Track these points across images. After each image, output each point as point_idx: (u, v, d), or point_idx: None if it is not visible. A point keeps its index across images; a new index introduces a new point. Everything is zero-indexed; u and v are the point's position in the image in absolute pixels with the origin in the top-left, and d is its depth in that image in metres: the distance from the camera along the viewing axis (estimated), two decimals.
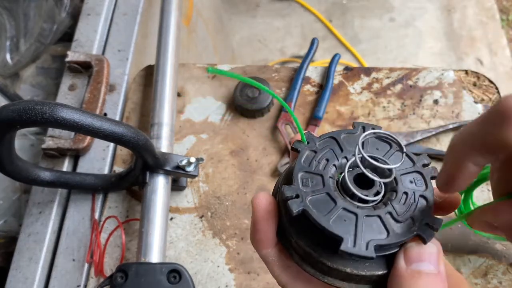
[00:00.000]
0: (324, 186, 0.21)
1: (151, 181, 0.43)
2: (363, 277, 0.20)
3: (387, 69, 0.53)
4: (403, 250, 0.20)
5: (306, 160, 0.22)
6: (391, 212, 0.20)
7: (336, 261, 0.20)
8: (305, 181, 0.21)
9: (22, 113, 0.31)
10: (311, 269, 0.21)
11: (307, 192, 0.20)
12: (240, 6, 1.69)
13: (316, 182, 0.21)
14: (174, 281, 0.38)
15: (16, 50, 0.58)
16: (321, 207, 0.20)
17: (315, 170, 0.21)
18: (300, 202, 0.20)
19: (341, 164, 0.22)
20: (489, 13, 1.58)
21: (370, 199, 0.20)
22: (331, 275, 0.20)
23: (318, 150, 0.22)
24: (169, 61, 0.50)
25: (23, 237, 0.45)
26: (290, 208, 0.19)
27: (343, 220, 0.19)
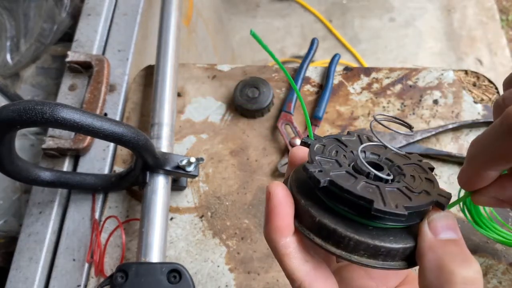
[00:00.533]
0: (341, 166, 0.22)
1: (151, 181, 0.43)
2: (390, 250, 0.20)
3: (387, 69, 0.53)
4: (428, 221, 0.20)
5: (318, 150, 0.23)
6: (406, 186, 0.21)
7: (363, 233, 0.20)
8: (324, 162, 0.22)
9: (22, 113, 0.31)
10: (336, 249, 0.20)
11: (328, 168, 0.21)
12: (240, 6, 1.69)
13: (333, 164, 0.22)
14: (174, 281, 0.38)
15: (16, 50, 0.58)
16: (344, 180, 0.20)
17: (328, 156, 0.23)
18: (325, 175, 0.20)
19: (350, 155, 0.23)
20: (489, 13, 1.58)
21: (384, 177, 0.21)
22: (358, 252, 0.20)
23: (326, 144, 0.24)
24: (169, 61, 0.50)
25: (23, 237, 0.45)
26: (317, 179, 0.20)
27: (367, 189, 0.20)
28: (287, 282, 0.43)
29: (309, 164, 0.21)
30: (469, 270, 0.18)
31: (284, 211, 0.21)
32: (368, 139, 0.25)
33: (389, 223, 0.20)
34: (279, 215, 0.21)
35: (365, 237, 0.20)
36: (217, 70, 0.55)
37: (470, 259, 0.19)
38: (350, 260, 0.20)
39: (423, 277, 0.19)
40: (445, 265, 0.19)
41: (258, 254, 0.44)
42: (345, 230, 0.20)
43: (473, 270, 0.18)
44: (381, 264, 0.20)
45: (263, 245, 0.45)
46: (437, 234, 0.20)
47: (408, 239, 0.20)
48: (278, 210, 0.21)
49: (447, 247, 0.19)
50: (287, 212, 0.21)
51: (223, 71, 0.54)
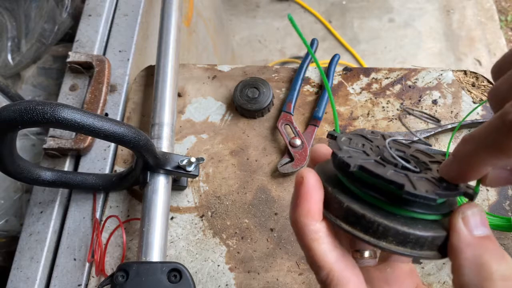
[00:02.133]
0: (369, 156, 0.22)
1: (152, 181, 0.43)
2: (419, 238, 0.20)
3: (386, 70, 0.53)
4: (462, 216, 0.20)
5: (345, 142, 0.23)
6: (434, 177, 0.21)
7: (392, 220, 0.20)
8: (351, 151, 0.22)
9: (23, 113, 0.31)
10: (364, 234, 0.20)
11: (357, 156, 0.21)
12: (240, 6, 1.69)
13: (360, 154, 0.22)
14: (175, 280, 0.38)
15: (17, 51, 0.58)
16: (373, 167, 0.20)
17: (355, 147, 0.23)
18: (355, 161, 0.20)
19: (375, 149, 0.23)
20: (488, 13, 1.59)
21: (411, 168, 0.21)
22: (387, 238, 0.20)
23: (352, 138, 0.24)
24: (170, 61, 0.50)
25: (24, 236, 0.46)
26: (347, 163, 0.20)
27: (397, 176, 0.20)
28: (287, 281, 0.43)
29: (338, 151, 0.21)
30: (506, 266, 0.19)
31: (316, 196, 0.21)
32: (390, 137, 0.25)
33: (418, 211, 0.20)
34: (312, 199, 0.21)
35: (394, 223, 0.19)
36: (217, 71, 0.55)
37: (505, 255, 0.19)
38: (378, 246, 0.20)
39: (460, 274, 0.19)
40: (484, 263, 0.19)
41: (258, 254, 0.44)
42: (374, 215, 0.20)
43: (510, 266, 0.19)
44: (409, 252, 0.20)
45: (263, 244, 0.45)
46: (472, 231, 0.20)
47: (437, 229, 0.20)
48: (310, 195, 0.21)
49: (484, 244, 0.19)
50: (319, 197, 0.21)
51: (223, 72, 0.55)
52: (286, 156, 0.48)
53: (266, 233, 0.45)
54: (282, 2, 1.68)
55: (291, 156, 0.48)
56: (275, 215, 0.46)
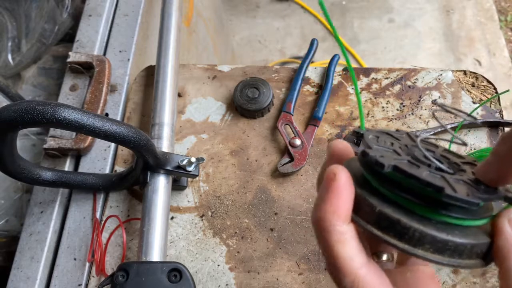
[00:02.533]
0: (401, 156, 0.20)
1: (152, 180, 0.43)
2: (458, 246, 0.18)
3: (386, 70, 0.53)
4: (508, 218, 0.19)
5: (372, 140, 0.21)
6: (470, 179, 0.20)
7: (429, 226, 0.18)
8: (382, 150, 0.20)
9: (24, 113, 0.31)
10: (399, 241, 0.18)
11: (389, 156, 0.19)
12: (240, 6, 1.69)
13: (391, 153, 0.20)
14: (175, 280, 0.38)
15: (18, 51, 0.58)
16: (407, 167, 0.19)
17: (384, 146, 0.21)
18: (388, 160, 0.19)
19: (404, 148, 0.22)
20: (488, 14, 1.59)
21: (446, 169, 0.20)
22: (423, 245, 0.18)
23: (379, 136, 0.22)
24: (170, 61, 0.50)
25: (24, 236, 0.46)
26: (381, 163, 0.18)
27: (433, 177, 0.18)
28: (287, 281, 0.43)
29: (370, 150, 0.19)
30: None
31: (348, 195, 0.19)
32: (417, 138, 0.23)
33: (456, 216, 0.19)
34: (342, 198, 0.19)
35: (431, 229, 0.18)
36: (217, 71, 0.55)
37: None
38: (415, 254, 0.18)
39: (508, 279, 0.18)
40: None
41: (258, 253, 0.44)
42: (410, 220, 0.18)
43: None
44: (447, 260, 0.18)
45: (263, 244, 0.45)
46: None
47: (477, 235, 0.19)
48: (341, 193, 0.19)
49: None
50: (350, 197, 0.20)
51: (223, 72, 0.55)
52: (286, 156, 0.48)
53: (266, 233, 0.45)
54: (282, 2, 1.68)
55: (291, 156, 0.48)
56: (275, 215, 0.46)
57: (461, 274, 0.43)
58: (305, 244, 0.45)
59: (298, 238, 0.45)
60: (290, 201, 0.47)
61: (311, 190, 0.47)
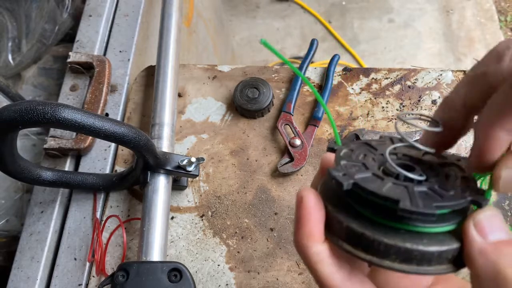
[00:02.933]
0: (368, 169, 0.21)
1: (152, 180, 0.43)
2: (425, 254, 0.18)
3: (386, 70, 0.53)
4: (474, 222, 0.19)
5: (345, 155, 0.22)
6: (439, 185, 0.20)
7: (393, 237, 0.19)
8: (349, 166, 0.21)
9: (24, 114, 0.32)
10: (366, 255, 0.19)
11: (353, 172, 0.20)
12: (240, 7, 1.69)
13: (359, 168, 0.21)
14: (175, 280, 0.38)
15: (18, 51, 0.59)
16: (370, 183, 0.19)
17: (355, 160, 0.22)
18: (349, 178, 0.19)
19: (379, 158, 0.22)
20: (488, 14, 1.59)
21: (414, 178, 0.20)
22: (389, 256, 0.19)
23: (354, 149, 0.23)
24: (170, 61, 0.50)
25: (25, 236, 0.46)
26: (340, 183, 0.19)
27: (394, 190, 0.19)
28: (287, 281, 0.43)
29: (333, 169, 0.20)
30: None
31: (316, 217, 0.21)
32: (401, 141, 0.23)
33: (421, 225, 0.19)
34: (311, 221, 0.21)
35: (395, 240, 0.18)
36: (217, 71, 0.55)
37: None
38: (382, 265, 0.19)
39: (477, 285, 0.18)
40: (502, 270, 0.17)
41: (258, 253, 0.45)
42: (373, 233, 0.19)
43: None
44: (416, 269, 0.19)
45: (263, 244, 0.45)
46: (486, 236, 0.18)
47: (446, 241, 0.19)
48: (310, 216, 0.21)
49: (501, 250, 0.18)
50: (319, 218, 0.21)
51: (223, 72, 0.55)
52: (286, 156, 0.48)
53: (266, 233, 0.45)
54: (282, 2, 1.68)
55: (291, 156, 0.48)
56: (275, 215, 0.46)
57: (461, 274, 0.43)
58: None
59: None
60: (290, 201, 0.47)
61: None
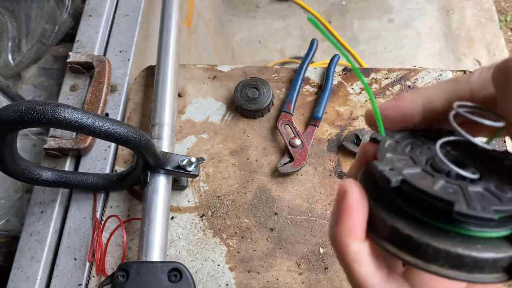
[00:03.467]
0: (416, 164, 0.19)
1: (152, 180, 0.43)
2: (477, 261, 0.17)
3: (386, 70, 0.53)
4: None
5: (390, 147, 0.20)
6: (496, 185, 0.18)
7: (443, 240, 0.17)
8: (395, 160, 0.19)
9: (24, 114, 0.32)
10: (411, 257, 0.18)
11: (401, 167, 0.18)
12: (240, 7, 1.69)
13: (407, 162, 0.19)
14: (175, 280, 0.38)
15: (18, 51, 0.59)
16: (420, 180, 0.18)
17: (401, 153, 0.20)
18: (397, 174, 0.18)
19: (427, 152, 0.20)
20: (488, 14, 1.59)
21: (468, 176, 0.18)
22: (437, 261, 0.17)
23: (399, 140, 0.21)
24: (170, 61, 0.50)
25: (25, 236, 0.46)
26: (387, 178, 0.17)
27: (447, 190, 0.17)
28: (287, 281, 0.43)
29: (378, 162, 0.19)
30: None
31: (359, 213, 0.19)
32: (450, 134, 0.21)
33: (475, 230, 0.17)
34: (354, 217, 0.19)
35: (445, 244, 0.17)
36: (217, 71, 0.55)
37: None
38: (428, 270, 0.17)
39: None
40: None
41: (258, 253, 0.45)
42: (421, 236, 0.17)
43: None
44: (466, 276, 0.17)
45: (263, 244, 0.45)
46: None
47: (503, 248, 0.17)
48: (353, 212, 0.19)
49: None
50: (363, 214, 0.19)
51: (223, 72, 0.55)
52: (286, 156, 0.48)
53: (266, 233, 0.45)
54: (282, 2, 1.68)
55: (291, 156, 0.48)
56: (275, 215, 0.46)
57: None
58: (305, 244, 0.45)
59: (298, 238, 0.45)
60: (290, 201, 0.47)
61: (311, 190, 0.47)
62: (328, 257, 0.44)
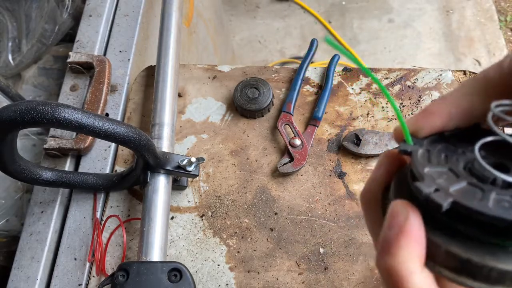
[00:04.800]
0: (459, 177, 0.18)
1: (152, 180, 0.43)
2: None
3: (385, 70, 0.53)
4: None
5: (423, 159, 0.19)
6: None
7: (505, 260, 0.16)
8: (435, 175, 0.18)
9: (24, 114, 0.32)
10: (473, 281, 0.16)
11: (445, 185, 0.17)
12: (240, 7, 1.69)
13: (447, 176, 0.18)
14: (175, 280, 0.38)
15: (18, 51, 0.59)
16: (468, 197, 0.16)
17: (438, 164, 0.18)
18: (445, 195, 0.16)
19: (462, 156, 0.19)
20: (487, 14, 1.59)
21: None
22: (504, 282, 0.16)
23: (430, 148, 0.20)
24: (170, 61, 0.50)
25: (25, 236, 0.46)
26: (437, 203, 0.16)
27: (501, 205, 0.16)
28: (287, 281, 0.43)
29: (420, 183, 0.17)
30: None
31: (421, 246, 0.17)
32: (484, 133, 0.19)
33: None
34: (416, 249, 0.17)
35: (509, 264, 0.16)
36: (217, 71, 0.55)
37: None
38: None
39: None
40: None
41: (258, 253, 0.45)
42: (482, 258, 0.16)
43: None
44: None
45: (263, 244, 0.45)
46: None
47: None
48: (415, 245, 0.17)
49: None
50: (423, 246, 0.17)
51: (224, 72, 0.55)
52: (286, 156, 0.48)
53: (266, 233, 0.45)
54: (282, 2, 1.68)
55: (291, 156, 0.48)
56: (275, 215, 0.46)
57: None
58: (305, 244, 0.45)
59: (298, 238, 0.45)
60: (290, 201, 0.47)
61: (311, 190, 0.47)
62: (328, 257, 0.44)
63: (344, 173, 0.48)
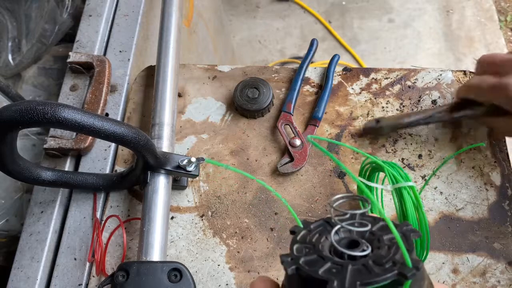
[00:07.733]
0: (316, 250, 0.23)
1: (152, 180, 0.43)
2: None
3: (386, 70, 0.53)
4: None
5: (302, 237, 0.25)
6: (375, 260, 0.21)
7: None
8: (300, 249, 0.23)
9: (24, 113, 0.31)
10: None
11: (300, 256, 0.22)
12: (240, 7, 1.69)
13: (309, 250, 0.23)
14: (175, 280, 0.38)
15: (18, 51, 0.59)
16: (312, 265, 0.21)
17: (308, 242, 0.24)
18: (294, 263, 0.22)
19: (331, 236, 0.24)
20: (488, 14, 1.59)
21: (357, 255, 0.22)
22: None
23: (312, 229, 0.25)
24: (170, 62, 0.50)
25: (25, 236, 0.46)
26: (284, 268, 0.21)
27: (331, 270, 0.21)
28: None
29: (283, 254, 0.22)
30: None
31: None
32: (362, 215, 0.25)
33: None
34: None
35: None
36: (217, 71, 0.55)
37: None
38: None
39: None
40: None
41: (258, 253, 0.45)
42: None
43: None
44: None
45: (263, 244, 0.45)
46: None
47: None
48: None
49: None
50: None
51: (224, 72, 0.55)
52: (286, 156, 0.48)
53: (266, 233, 0.45)
54: (282, 2, 1.68)
55: (291, 156, 0.48)
56: (275, 215, 0.46)
57: (460, 274, 0.43)
58: None
59: None
60: (290, 201, 0.47)
61: (311, 190, 0.47)
62: None
63: (344, 173, 0.48)
